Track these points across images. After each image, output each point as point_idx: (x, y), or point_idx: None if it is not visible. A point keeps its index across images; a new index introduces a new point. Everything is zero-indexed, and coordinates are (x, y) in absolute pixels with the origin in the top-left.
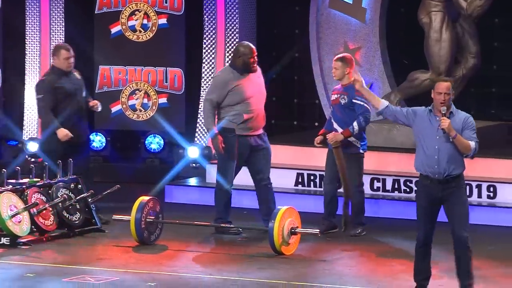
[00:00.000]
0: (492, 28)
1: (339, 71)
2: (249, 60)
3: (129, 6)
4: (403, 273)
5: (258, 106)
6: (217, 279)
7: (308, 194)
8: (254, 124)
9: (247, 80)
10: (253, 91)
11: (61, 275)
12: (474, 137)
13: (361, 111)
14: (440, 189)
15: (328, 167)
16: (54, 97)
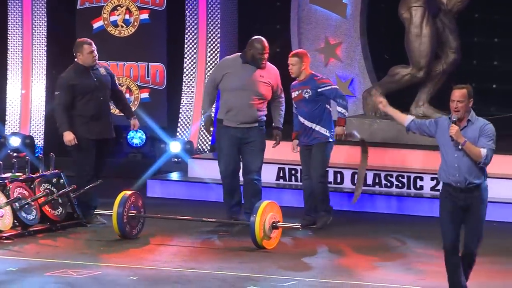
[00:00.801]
0: (472, 23)
1: (296, 67)
2: (259, 55)
3: (111, 1)
4: (384, 267)
5: (245, 100)
6: (199, 273)
7: (289, 189)
8: (240, 117)
9: (245, 72)
10: (243, 85)
11: (43, 269)
12: (488, 144)
13: (333, 94)
14: (462, 198)
15: (304, 162)
16: (70, 94)
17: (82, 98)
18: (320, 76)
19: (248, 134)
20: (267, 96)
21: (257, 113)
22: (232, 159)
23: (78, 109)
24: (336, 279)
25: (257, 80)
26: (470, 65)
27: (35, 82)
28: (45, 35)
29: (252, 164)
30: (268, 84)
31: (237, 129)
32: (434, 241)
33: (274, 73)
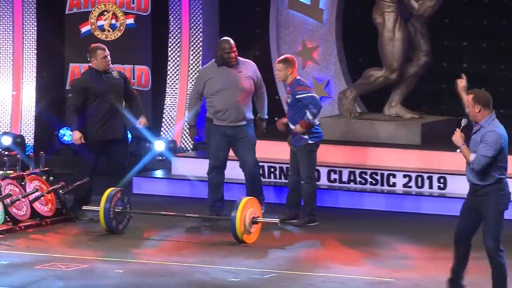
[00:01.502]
0: (442, 27)
1: (282, 72)
2: (226, 54)
3: (98, 6)
4: (359, 260)
5: (231, 99)
6: (182, 266)
7: (268, 185)
8: (228, 115)
9: (223, 73)
10: (226, 85)
11: (33, 262)
12: (482, 151)
13: (308, 101)
14: (473, 197)
15: (290, 160)
16: (82, 96)
17: (94, 100)
18: (302, 82)
19: (238, 132)
20: (250, 90)
21: (244, 111)
22: (219, 155)
23: (90, 110)
24: (313, 271)
25: (236, 77)
26: (441, 67)
27: (25, 84)
28: (35, 39)
29: (248, 160)
30: (248, 78)
31: (226, 127)
32: (406, 236)
33: (251, 66)
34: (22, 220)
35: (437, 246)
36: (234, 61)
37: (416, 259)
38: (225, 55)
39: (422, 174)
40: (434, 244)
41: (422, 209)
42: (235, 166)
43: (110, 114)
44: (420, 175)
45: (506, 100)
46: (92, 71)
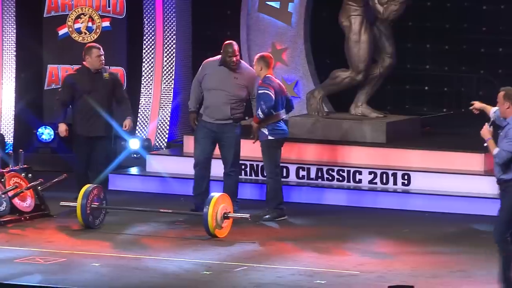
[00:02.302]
0: (406, 30)
1: (254, 67)
2: (229, 58)
3: (75, 10)
4: (328, 253)
5: (220, 100)
6: (156, 259)
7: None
8: (215, 114)
9: (220, 73)
10: (218, 85)
11: (13, 256)
12: (505, 145)
13: (260, 98)
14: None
15: None
16: (70, 92)
17: (80, 97)
18: (269, 80)
19: (222, 130)
20: (241, 97)
21: (230, 111)
22: (204, 150)
23: (77, 107)
24: (283, 264)
25: (231, 82)
26: (405, 69)
27: (5, 84)
28: (14, 41)
29: (226, 158)
30: (242, 86)
31: (212, 124)
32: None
33: (249, 75)
34: (2, 216)
35: (401, 240)
36: (235, 65)
37: (381, 253)
38: (227, 59)
39: (387, 171)
40: (398, 238)
41: (386, 205)
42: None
43: (95, 112)
44: (385, 172)
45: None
46: (84, 69)
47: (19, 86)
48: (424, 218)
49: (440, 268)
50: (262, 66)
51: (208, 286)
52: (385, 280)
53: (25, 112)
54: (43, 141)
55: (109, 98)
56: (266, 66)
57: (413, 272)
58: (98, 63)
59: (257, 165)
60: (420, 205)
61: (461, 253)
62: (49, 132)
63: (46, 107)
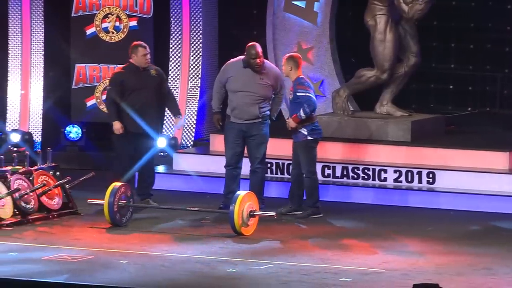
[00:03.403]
0: (431, 29)
1: (284, 68)
2: (251, 60)
3: (102, 9)
4: (352, 251)
5: (243, 101)
6: (182, 257)
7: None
8: (242, 115)
9: (245, 75)
10: (243, 87)
11: (41, 253)
12: None
13: (304, 99)
14: None
15: (292, 154)
16: (119, 90)
17: (129, 94)
18: (304, 81)
19: (252, 128)
20: (267, 96)
21: (258, 110)
22: (235, 151)
23: (125, 104)
24: (308, 262)
25: (256, 83)
26: (429, 68)
27: (33, 83)
28: (43, 41)
29: (253, 155)
30: (267, 85)
31: (241, 124)
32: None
33: (274, 74)
34: (30, 213)
35: (425, 238)
36: (259, 67)
37: (406, 251)
38: (251, 61)
39: (412, 170)
40: (422, 236)
41: (411, 203)
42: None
43: (144, 109)
44: (410, 170)
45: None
46: (131, 66)
47: (47, 84)
48: (448, 216)
49: (464, 266)
50: (292, 66)
51: (234, 283)
52: (409, 278)
53: (53, 111)
54: (70, 140)
55: (158, 95)
56: (296, 67)
57: (437, 270)
58: (144, 61)
59: (282, 164)
60: (445, 203)
61: (485, 250)
62: (76, 131)
63: (73, 106)
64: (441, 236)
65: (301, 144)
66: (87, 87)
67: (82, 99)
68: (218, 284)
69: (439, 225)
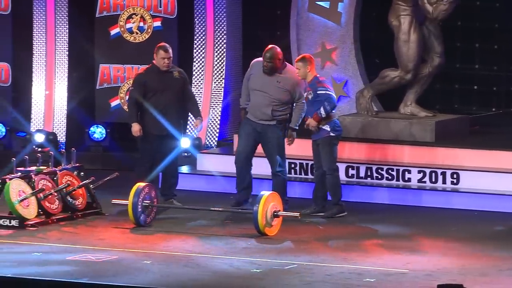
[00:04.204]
0: (455, 30)
1: (301, 70)
2: (264, 62)
3: (127, 10)
4: (375, 252)
5: (263, 102)
6: (206, 257)
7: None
8: (258, 114)
9: (264, 75)
10: (260, 86)
11: (65, 253)
12: None
13: (324, 97)
14: None
15: (314, 156)
16: (141, 91)
17: (152, 96)
18: (322, 79)
19: (266, 130)
20: (283, 100)
21: (273, 113)
22: (246, 146)
23: (148, 105)
24: (332, 263)
25: (273, 85)
26: (454, 68)
27: (57, 83)
28: (67, 41)
29: (271, 159)
30: (284, 90)
31: (257, 124)
32: (420, 228)
33: (292, 79)
34: (55, 214)
35: (449, 238)
36: (266, 69)
37: (430, 251)
38: (264, 63)
39: (436, 170)
40: (446, 237)
41: (435, 204)
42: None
43: (166, 111)
44: (434, 171)
45: None
46: (153, 67)
47: (71, 85)
48: (472, 216)
49: (488, 266)
50: (309, 66)
51: (258, 284)
52: (433, 279)
53: (77, 111)
54: (95, 140)
55: (180, 97)
56: (311, 66)
57: (461, 271)
58: (162, 64)
59: (306, 164)
60: (469, 203)
61: (509, 251)
62: (101, 131)
63: (98, 106)
64: (465, 236)
65: (324, 140)
66: (111, 88)
67: (106, 99)
68: (242, 284)
69: (463, 225)
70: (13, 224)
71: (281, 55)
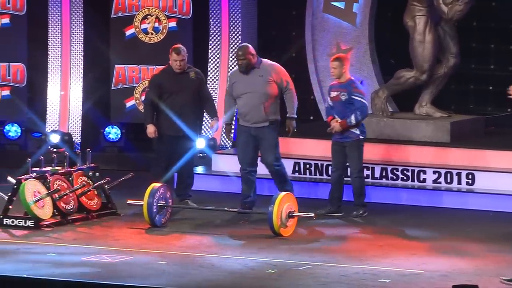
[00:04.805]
0: (471, 30)
1: (337, 70)
2: (237, 61)
3: (142, 10)
4: (391, 252)
5: (252, 102)
6: (221, 258)
7: (303, 181)
8: (251, 117)
9: (245, 77)
10: (247, 88)
11: (80, 254)
12: None
13: (359, 105)
14: None
15: (334, 156)
16: (157, 92)
17: (168, 97)
18: (358, 84)
19: (261, 132)
20: (272, 93)
21: (265, 113)
22: (244, 152)
23: (164, 106)
24: (347, 263)
25: (256, 81)
26: (469, 69)
27: (73, 84)
28: (82, 42)
29: (267, 159)
30: (269, 81)
31: (250, 128)
32: (435, 229)
33: (272, 68)
34: (70, 214)
35: (465, 239)
36: (241, 67)
37: (445, 252)
38: (238, 62)
39: (451, 171)
40: (461, 238)
41: (450, 204)
42: None
43: (182, 112)
44: (449, 171)
45: None
46: (169, 69)
47: (87, 85)
48: (488, 217)
49: (504, 267)
50: (344, 67)
51: (273, 284)
52: (449, 279)
53: (92, 112)
54: (110, 140)
55: (196, 98)
56: (346, 67)
57: (477, 271)
58: (175, 66)
59: (321, 165)
60: (484, 204)
61: None
62: (116, 132)
63: (113, 107)
64: (480, 237)
65: (354, 144)
66: (126, 88)
67: (121, 100)
68: (257, 285)
69: (478, 226)
70: (28, 225)
71: (254, 51)
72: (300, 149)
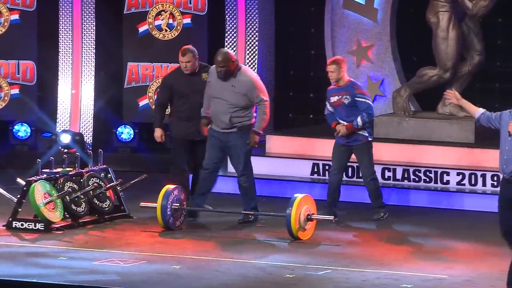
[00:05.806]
0: (496, 27)
1: (335, 73)
2: (217, 68)
3: (155, 6)
4: (413, 256)
5: (217, 108)
6: (237, 262)
7: (323, 183)
8: (217, 122)
9: (218, 83)
10: (217, 93)
11: (92, 258)
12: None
13: (364, 107)
14: (508, 188)
15: (336, 159)
16: (168, 93)
17: (179, 99)
18: (359, 85)
19: (229, 138)
20: (241, 105)
21: (231, 120)
22: (212, 157)
23: (176, 108)
24: (368, 268)
25: (228, 91)
26: (494, 67)
27: (84, 82)
28: (94, 39)
29: (236, 168)
30: (240, 95)
31: (219, 132)
32: (460, 232)
33: (247, 82)
34: (81, 217)
35: (489, 242)
36: (220, 74)
37: (469, 256)
38: (217, 69)
39: (476, 172)
40: (486, 241)
41: (475, 207)
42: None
43: (194, 115)
44: (474, 173)
45: None
46: (180, 70)
47: (99, 84)
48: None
49: None
50: (342, 70)
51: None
52: (472, 284)
53: (104, 111)
54: (122, 141)
55: None
56: (344, 69)
57: (501, 276)
58: (182, 67)
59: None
60: None
61: None
62: (128, 131)
63: (126, 106)
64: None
65: (364, 146)
66: (139, 87)
67: (134, 98)
68: None
69: None
70: (38, 228)
71: (234, 58)
72: (319, 150)
